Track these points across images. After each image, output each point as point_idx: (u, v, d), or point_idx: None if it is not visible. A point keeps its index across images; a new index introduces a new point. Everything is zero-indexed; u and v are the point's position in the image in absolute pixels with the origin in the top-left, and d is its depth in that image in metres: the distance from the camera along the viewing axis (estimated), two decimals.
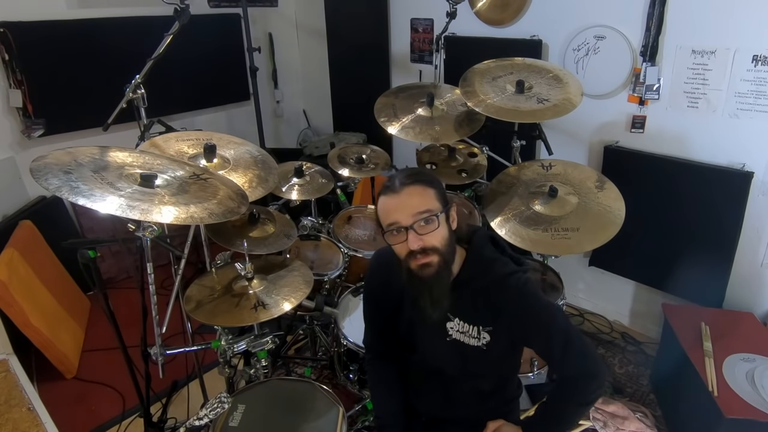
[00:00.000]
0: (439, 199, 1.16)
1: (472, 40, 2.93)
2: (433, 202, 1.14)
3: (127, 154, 1.41)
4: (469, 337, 1.25)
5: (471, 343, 1.25)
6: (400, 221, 1.13)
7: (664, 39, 2.25)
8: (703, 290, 2.32)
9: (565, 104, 1.98)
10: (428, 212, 1.12)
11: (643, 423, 2.04)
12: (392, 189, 1.15)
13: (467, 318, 1.25)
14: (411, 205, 1.12)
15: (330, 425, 1.48)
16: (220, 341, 1.64)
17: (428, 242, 1.12)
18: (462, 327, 1.25)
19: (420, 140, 2.22)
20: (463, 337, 1.26)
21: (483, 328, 1.23)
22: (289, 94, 4.32)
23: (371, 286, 1.45)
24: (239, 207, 1.42)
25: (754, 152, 2.12)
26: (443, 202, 1.16)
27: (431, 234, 1.12)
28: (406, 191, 1.13)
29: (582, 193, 1.94)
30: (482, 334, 1.23)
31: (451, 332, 1.27)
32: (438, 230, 1.13)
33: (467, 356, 1.26)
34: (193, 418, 1.27)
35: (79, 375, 2.47)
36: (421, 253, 1.13)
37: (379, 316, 1.43)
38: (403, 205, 1.13)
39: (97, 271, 1.40)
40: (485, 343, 1.24)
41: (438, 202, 1.15)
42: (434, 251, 1.13)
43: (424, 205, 1.12)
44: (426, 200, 1.13)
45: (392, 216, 1.14)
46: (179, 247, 1.66)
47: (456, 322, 1.26)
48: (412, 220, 1.11)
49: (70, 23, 2.91)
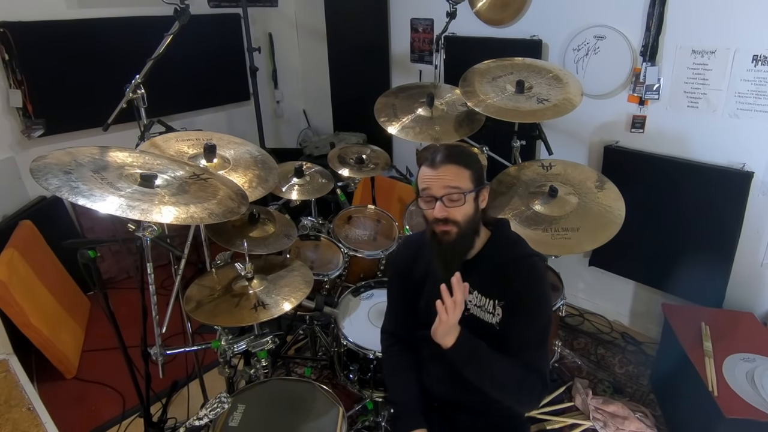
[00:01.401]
0: (473, 180, 1.28)
1: (472, 40, 2.93)
2: (464, 181, 1.26)
3: (127, 154, 1.41)
4: (485, 311, 1.33)
5: (486, 318, 1.33)
6: (432, 191, 1.27)
7: (664, 39, 2.25)
8: (703, 290, 2.32)
9: (565, 104, 1.98)
10: (457, 190, 1.25)
11: (643, 423, 2.04)
12: (432, 163, 1.28)
13: (485, 291, 1.33)
14: (445, 180, 1.26)
15: (330, 425, 1.48)
16: (220, 341, 1.64)
17: (452, 215, 1.26)
18: (479, 300, 1.34)
19: (420, 140, 2.23)
20: (480, 312, 1.34)
21: (498, 302, 1.32)
22: (289, 94, 4.32)
23: (397, 265, 1.54)
24: (239, 207, 1.42)
25: (754, 152, 2.12)
26: (476, 183, 1.29)
27: (456, 209, 1.26)
28: (443, 168, 1.26)
29: (582, 193, 1.95)
30: (497, 309, 1.32)
31: (469, 306, 1.35)
32: (463, 207, 1.26)
33: (480, 335, 1.29)
34: (193, 418, 1.28)
35: (79, 375, 2.47)
36: (443, 221, 1.27)
37: (403, 297, 1.50)
38: (437, 179, 1.26)
39: (97, 271, 1.40)
40: (498, 321, 1.32)
41: (470, 182, 1.27)
42: (455, 224, 1.27)
43: (456, 182, 1.26)
44: (458, 179, 1.26)
45: (427, 185, 1.28)
46: (179, 247, 1.66)
47: (475, 295, 1.35)
48: (442, 192, 1.25)
49: (70, 23, 2.92)
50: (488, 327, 1.33)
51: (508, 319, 1.31)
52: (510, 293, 1.30)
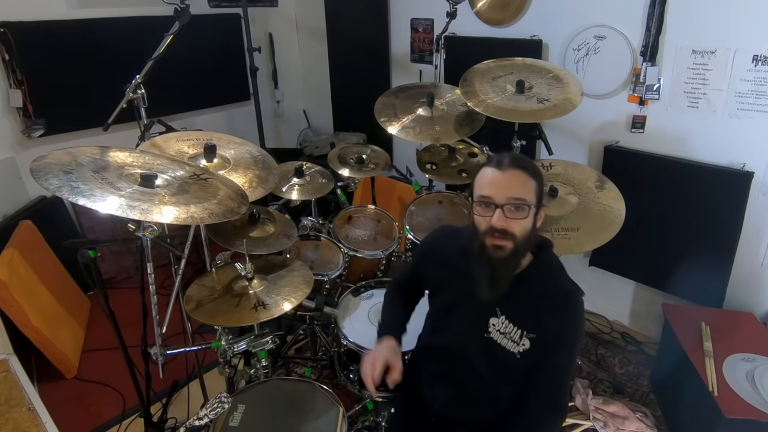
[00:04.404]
0: (537, 194, 1.18)
1: (472, 40, 2.93)
2: (530, 193, 1.16)
3: (128, 154, 1.41)
4: (509, 339, 1.23)
5: (507, 346, 1.24)
6: (493, 197, 1.14)
7: (664, 39, 2.24)
8: (703, 290, 2.31)
9: (565, 104, 1.98)
10: (523, 201, 1.14)
11: (643, 423, 2.04)
12: (499, 165, 1.16)
13: (514, 319, 1.23)
14: (510, 187, 1.14)
15: (330, 425, 1.48)
16: (220, 341, 1.64)
17: (511, 227, 1.14)
18: (505, 327, 1.24)
19: (420, 140, 2.23)
20: (502, 339, 1.24)
21: (527, 333, 1.22)
22: (289, 94, 4.32)
23: (428, 247, 1.50)
24: (239, 207, 1.42)
25: (754, 152, 2.12)
26: (538, 199, 1.18)
27: (517, 221, 1.14)
28: (511, 172, 1.15)
29: (582, 193, 1.95)
30: (523, 340, 1.22)
31: (491, 330, 1.26)
32: (524, 221, 1.15)
33: (496, 359, 1.24)
34: (193, 418, 1.28)
35: (80, 375, 2.47)
36: (500, 233, 1.14)
37: (417, 274, 1.50)
38: (503, 184, 1.14)
39: (97, 271, 1.40)
40: (522, 351, 1.22)
41: (534, 196, 1.17)
42: (512, 238, 1.15)
43: (522, 193, 1.14)
44: (525, 189, 1.15)
45: (488, 189, 1.16)
46: (179, 247, 1.66)
47: (501, 320, 1.24)
48: (505, 201, 1.13)
49: (70, 23, 2.92)
50: (508, 355, 1.24)
51: (535, 354, 1.21)
52: (545, 328, 1.20)
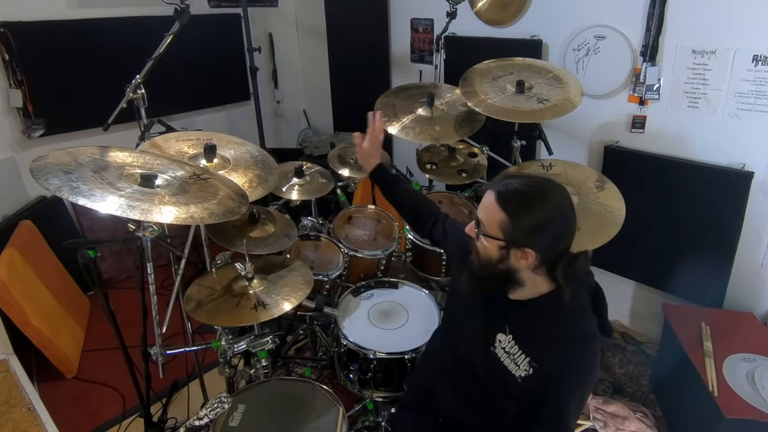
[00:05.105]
0: (504, 230, 1.11)
1: (472, 40, 2.93)
2: (492, 224, 1.14)
3: (128, 154, 1.41)
4: (511, 360, 1.21)
5: (509, 367, 1.21)
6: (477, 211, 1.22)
7: (664, 39, 2.24)
8: (703, 290, 2.31)
9: (565, 104, 1.98)
10: (480, 226, 1.18)
11: (643, 423, 2.04)
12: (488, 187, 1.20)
13: (522, 342, 1.20)
14: (481, 208, 1.19)
15: (330, 425, 1.48)
16: (220, 341, 1.64)
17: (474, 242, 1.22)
18: (511, 347, 1.21)
19: (420, 140, 2.22)
20: (505, 357, 1.22)
21: (532, 360, 1.18)
22: (289, 94, 4.32)
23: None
24: (239, 207, 1.42)
25: (754, 152, 2.12)
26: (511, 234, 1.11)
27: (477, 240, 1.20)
28: (486, 197, 1.17)
29: (582, 193, 1.94)
30: (526, 366, 1.19)
31: (497, 346, 1.24)
32: (480, 243, 1.19)
33: (496, 375, 1.23)
34: (193, 418, 1.27)
35: (79, 375, 2.47)
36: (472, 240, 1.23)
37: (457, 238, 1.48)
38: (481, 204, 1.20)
39: (97, 271, 1.40)
40: (524, 376, 1.19)
41: (498, 228, 1.12)
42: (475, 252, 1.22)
43: (482, 215, 1.18)
44: (487, 217, 1.16)
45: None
46: (179, 247, 1.66)
47: (508, 338, 1.22)
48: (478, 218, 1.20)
49: (70, 23, 2.92)
50: (508, 375, 1.21)
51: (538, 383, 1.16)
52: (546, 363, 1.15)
